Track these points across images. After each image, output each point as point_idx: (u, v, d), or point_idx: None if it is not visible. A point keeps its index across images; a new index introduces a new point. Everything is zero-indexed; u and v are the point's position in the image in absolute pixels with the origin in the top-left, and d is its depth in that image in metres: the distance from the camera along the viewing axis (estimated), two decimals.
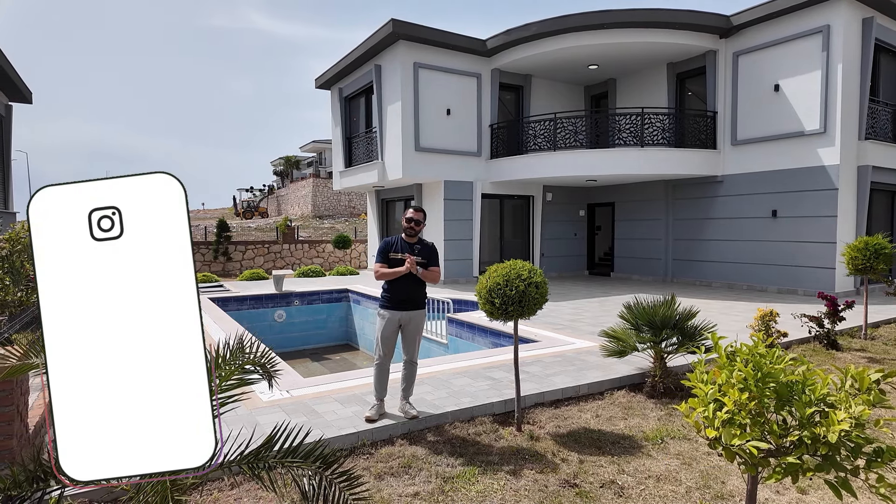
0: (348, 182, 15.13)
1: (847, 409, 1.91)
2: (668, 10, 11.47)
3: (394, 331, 4.08)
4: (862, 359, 6.02)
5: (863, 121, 10.42)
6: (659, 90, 13.37)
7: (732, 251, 11.99)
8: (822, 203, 10.40)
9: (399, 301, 4.04)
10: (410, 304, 4.06)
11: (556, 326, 7.51)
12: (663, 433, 3.84)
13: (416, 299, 4.09)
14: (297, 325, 11.32)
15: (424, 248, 4.15)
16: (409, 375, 4.11)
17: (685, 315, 4.74)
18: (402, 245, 4.12)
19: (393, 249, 4.09)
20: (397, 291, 4.04)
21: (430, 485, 3.10)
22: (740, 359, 2.19)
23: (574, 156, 12.12)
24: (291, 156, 42.53)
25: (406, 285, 4.03)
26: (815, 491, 3.03)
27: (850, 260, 6.73)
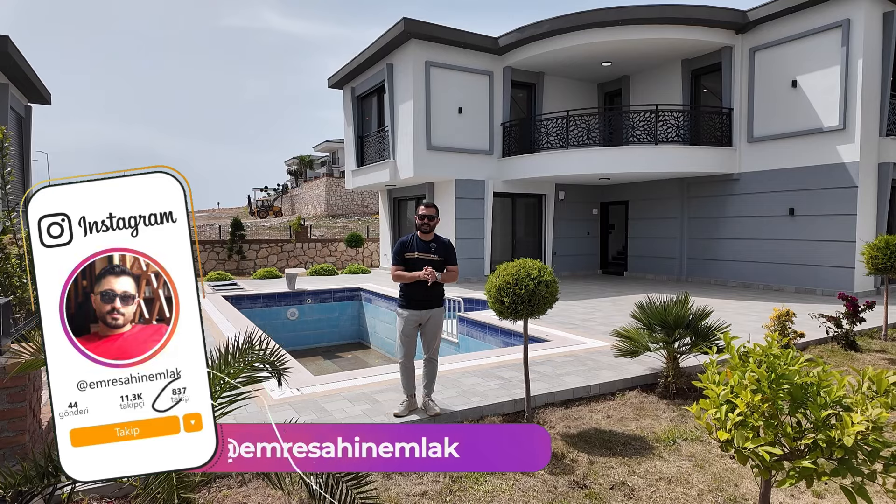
0: (360, 181, 15.17)
1: (864, 411, 1.86)
2: (682, 6, 11.31)
3: (413, 329, 4.05)
4: (882, 360, 5.88)
5: (884, 117, 10.18)
6: (673, 87, 13.21)
7: (749, 250, 11.81)
8: (841, 201, 10.19)
9: (416, 301, 4.00)
10: (428, 304, 4.02)
11: (568, 326, 7.46)
12: (675, 434, 3.79)
13: (432, 298, 4.03)
14: (310, 323, 11.39)
15: (441, 246, 4.05)
16: (430, 372, 4.09)
17: (699, 315, 4.66)
18: (417, 243, 4.04)
19: (408, 249, 4.02)
20: (414, 292, 3.99)
21: (438, 484, 3.09)
22: (753, 360, 2.15)
23: (587, 154, 12.02)
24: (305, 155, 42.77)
25: (422, 286, 3.96)
26: (832, 495, 2.96)
27: (869, 259, 6.58)
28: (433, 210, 4.06)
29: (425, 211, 4.03)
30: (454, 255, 4.11)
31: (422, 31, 11.86)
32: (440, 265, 4.02)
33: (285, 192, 41.65)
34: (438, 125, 12.47)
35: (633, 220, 14.62)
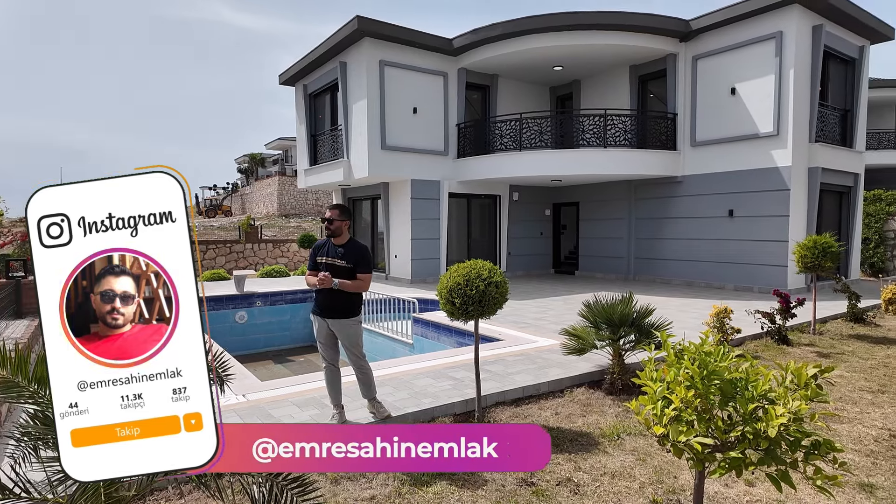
0: (313, 180, 14.90)
1: (786, 404, 1.97)
2: (630, 14, 11.71)
3: (327, 335, 3.92)
4: (810, 353, 6.26)
5: (813, 124, 10.85)
6: (622, 92, 13.63)
7: (691, 249, 12.32)
8: (775, 203, 10.78)
9: (321, 308, 3.87)
10: (332, 313, 3.84)
11: (521, 325, 7.57)
12: (620, 430, 3.90)
13: (336, 308, 3.82)
14: (260, 326, 11.09)
15: (350, 252, 3.81)
16: (360, 379, 3.97)
17: (642, 313, 4.83)
18: (329, 247, 3.87)
19: (319, 254, 3.88)
20: (321, 298, 3.86)
21: (387, 488, 3.06)
22: (688, 357, 2.24)
23: (539, 156, 12.24)
24: (257, 153, 41.62)
25: (325, 293, 3.80)
26: (762, 483, 3.12)
27: (800, 258, 6.99)
28: (335, 213, 3.83)
29: (328, 214, 3.85)
30: (366, 263, 3.85)
31: (376, 29, 11.77)
32: (347, 272, 3.79)
33: (235, 191, 40.41)
34: (393, 125, 12.40)
35: (584, 221, 15.00)
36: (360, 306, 3.97)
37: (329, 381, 3.95)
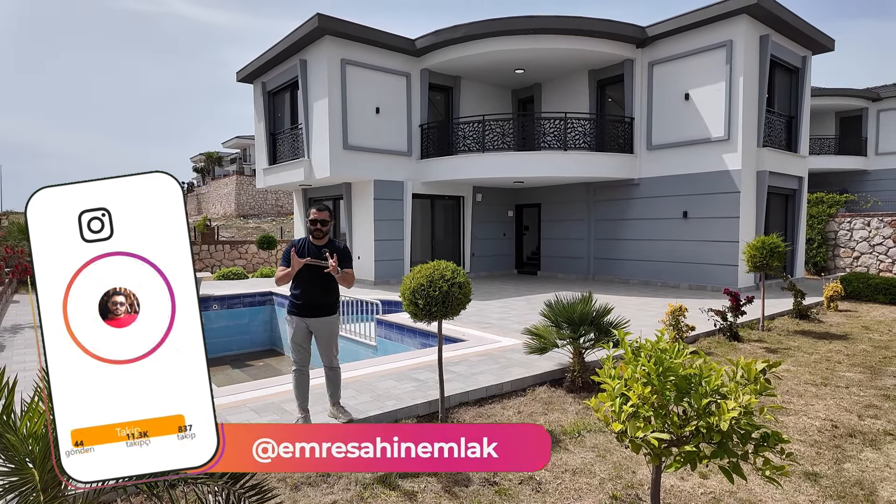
0: (273, 180, 14.59)
1: (737, 398, 2.04)
2: (588, 19, 11.97)
3: (305, 336, 3.90)
4: (759, 349, 6.53)
5: (761, 129, 11.36)
6: (581, 96, 13.91)
7: (648, 250, 12.69)
8: (726, 205, 11.23)
9: (306, 307, 3.82)
10: (319, 311, 3.83)
11: (484, 325, 7.61)
12: (580, 427, 3.97)
13: (325, 305, 3.86)
14: (217, 330, 10.77)
15: (334, 251, 3.81)
16: (332, 380, 3.96)
17: (601, 312, 4.93)
18: (309, 248, 3.84)
19: (299, 254, 3.82)
20: (306, 296, 3.81)
21: (349, 492, 3.02)
22: (644, 354, 2.29)
23: (502, 158, 12.36)
24: (213, 152, 40.47)
25: (316, 290, 3.81)
26: (715, 475, 3.23)
27: (749, 258, 7.29)
28: (325, 214, 3.85)
29: (317, 215, 3.82)
30: (349, 260, 3.91)
31: (337, 27, 11.62)
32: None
33: (191, 191, 39.18)
34: (355, 125, 12.28)
35: (546, 222, 15.23)
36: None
37: (299, 385, 3.89)
